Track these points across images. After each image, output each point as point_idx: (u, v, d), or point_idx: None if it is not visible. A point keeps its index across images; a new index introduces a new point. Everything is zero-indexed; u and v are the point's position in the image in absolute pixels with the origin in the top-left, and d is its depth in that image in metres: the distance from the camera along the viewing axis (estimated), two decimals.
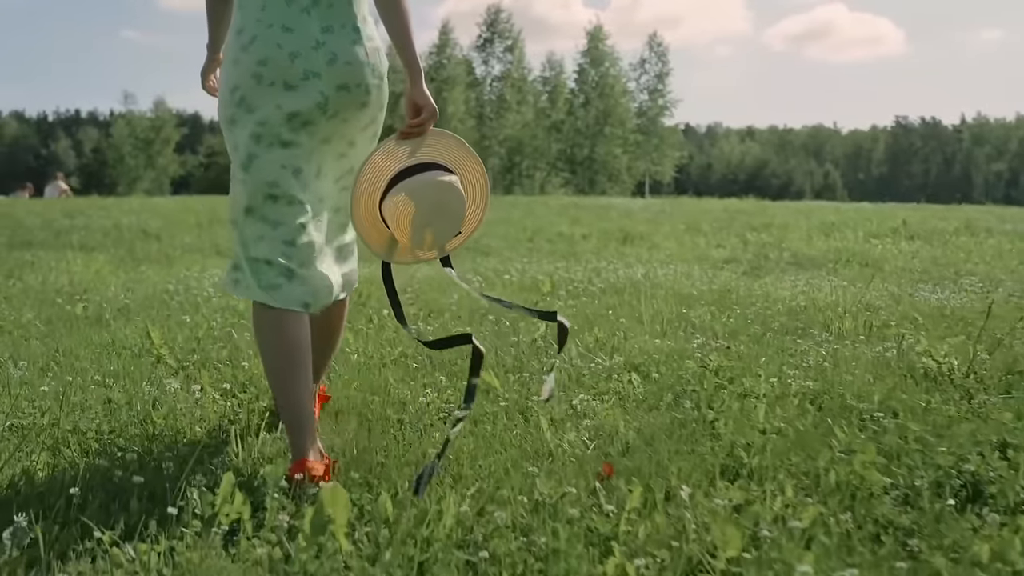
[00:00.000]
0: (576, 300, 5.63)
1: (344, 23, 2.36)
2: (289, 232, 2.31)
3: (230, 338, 4.04)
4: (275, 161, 2.31)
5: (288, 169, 2.32)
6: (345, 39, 2.35)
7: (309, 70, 2.30)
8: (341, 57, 2.33)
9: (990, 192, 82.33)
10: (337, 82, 2.32)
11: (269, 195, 2.31)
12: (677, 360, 3.66)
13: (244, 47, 2.32)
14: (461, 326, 4.47)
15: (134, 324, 4.44)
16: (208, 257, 9.76)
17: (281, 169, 2.31)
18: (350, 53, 2.35)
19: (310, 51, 2.31)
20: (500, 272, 7.21)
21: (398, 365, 3.61)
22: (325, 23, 2.34)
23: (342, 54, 2.34)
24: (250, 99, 2.30)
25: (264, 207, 2.32)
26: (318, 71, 2.31)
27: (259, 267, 2.32)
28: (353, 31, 2.37)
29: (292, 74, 2.29)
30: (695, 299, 5.82)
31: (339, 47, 2.34)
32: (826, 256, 10.77)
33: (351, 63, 2.34)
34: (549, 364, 2.83)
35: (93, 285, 6.10)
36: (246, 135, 2.31)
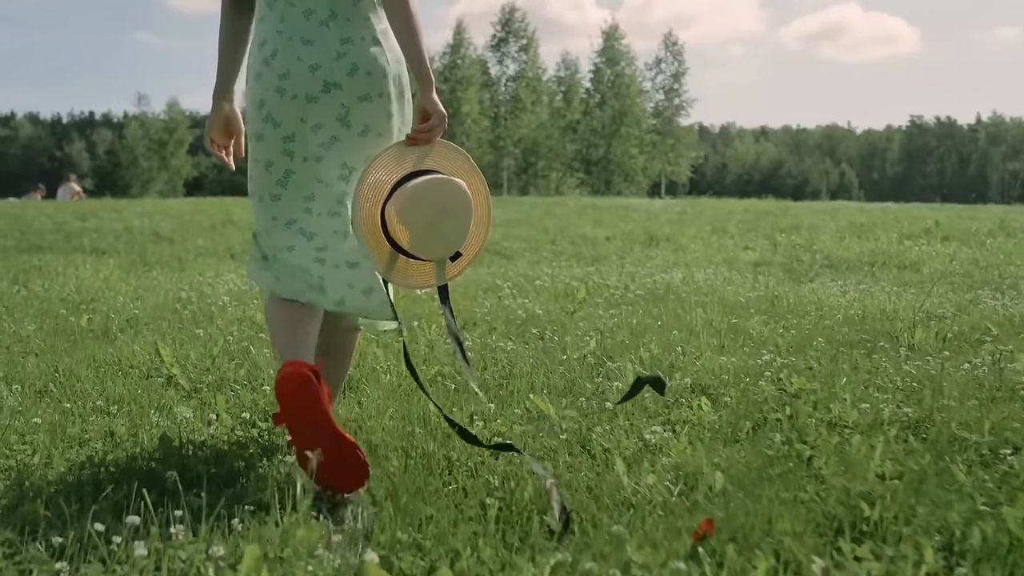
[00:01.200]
0: (616, 309, 5.24)
1: (364, 35, 2.36)
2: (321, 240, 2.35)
3: (247, 354, 3.66)
4: (311, 175, 2.34)
5: (322, 183, 2.34)
6: (364, 49, 2.35)
7: (330, 81, 2.30)
8: (362, 68, 2.33)
9: (1006, 191, 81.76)
10: (358, 93, 2.32)
11: (306, 209, 2.36)
12: (748, 381, 3.27)
13: (267, 61, 2.33)
14: (499, 339, 4.08)
15: (143, 338, 4.07)
16: (222, 261, 9.41)
17: (317, 183, 2.34)
18: (371, 64, 2.34)
19: (331, 62, 2.31)
20: (531, 278, 6.82)
21: (436, 387, 3.23)
22: (344, 35, 2.34)
23: (363, 64, 2.33)
24: (275, 114, 2.32)
25: (304, 222, 2.37)
26: (339, 82, 2.31)
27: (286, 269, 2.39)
28: (373, 44, 2.37)
29: (313, 86, 2.30)
30: (743, 307, 5.43)
31: (360, 58, 2.33)
32: (860, 258, 10.40)
33: (372, 74, 2.34)
34: (546, 480, 2.07)
35: (101, 293, 5.74)
36: (278, 151, 2.34)
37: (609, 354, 3.70)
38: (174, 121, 57.32)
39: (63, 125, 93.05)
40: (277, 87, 2.32)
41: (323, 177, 2.36)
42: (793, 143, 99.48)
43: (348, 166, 2.36)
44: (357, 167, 2.36)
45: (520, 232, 13.33)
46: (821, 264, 10.05)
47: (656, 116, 50.89)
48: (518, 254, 11.10)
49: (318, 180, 2.36)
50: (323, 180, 2.36)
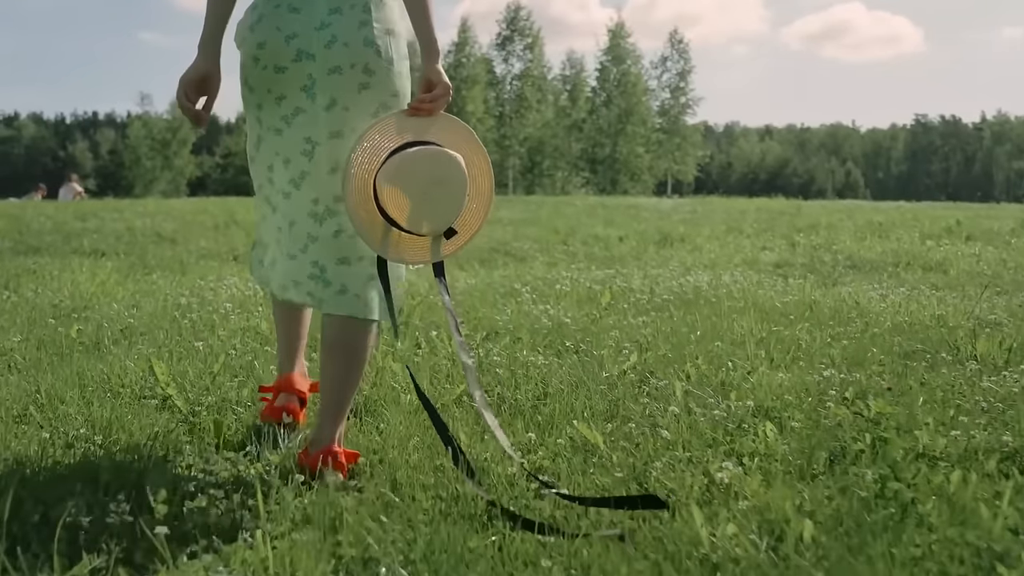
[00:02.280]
0: (646, 315, 4.88)
1: (355, 4, 2.26)
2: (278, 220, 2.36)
3: (251, 370, 3.31)
4: (272, 146, 2.31)
5: (280, 157, 2.30)
6: (351, 20, 2.25)
7: (303, 50, 2.23)
8: (340, 38, 2.23)
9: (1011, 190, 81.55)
10: (329, 64, 2.23)
11: (269, 179, 2.35)
12: (812, 401, 2.92)
13: (251, 27, 2.28)
14: (527, 352, 3.72)
15: (137, 351, 3.72)
16: (225, 264, 9.05)
17: (275, 156, 2.32)
18: (351, 35, 2.24)
19: (311, 32, 2.23)
20: (550, 281, 6.46)
21: (463, 409, 2.88)
22: (334, 4, 2.25)
23: (342, 35, 2.23)
24: (251, 81, 2.30)
25: (268, 190, 2.37)
26: (313, 52, 2.23)
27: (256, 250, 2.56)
28: (363, 11, 2.26)
29: (284, 56, 2.23)
30: (780, 313, 5.07)
31: (342, 29, 2.24)
32: (884, 259, 10.06)
33: (349, 44, 2.23)
34: None
35: (96, 299, 5.40)
36: (252, 117, 2.34)
37: (651, 369, 3.34)
38: (177, 120, 57.02)
39: (66, 125, 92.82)
40: (253, 55, 2.28)
41: (282, 150, 2.30)
42: (797, 142, 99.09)
43: (312, 140, 2.27)
44: (321, 142, 2.26)
45: (530, 232, 13.01)
46: (844, 265, 9.71)
47: (662, 115, 50.54)
48: (530, 255, 10.76)
49: (276, 153, 2.32)
50: (281, 153, 2.30)
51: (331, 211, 2.29)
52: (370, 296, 2.30)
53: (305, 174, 2.28)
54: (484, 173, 2.33)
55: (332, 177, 2.28)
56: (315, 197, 2.29)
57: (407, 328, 4.34)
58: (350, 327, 2.30)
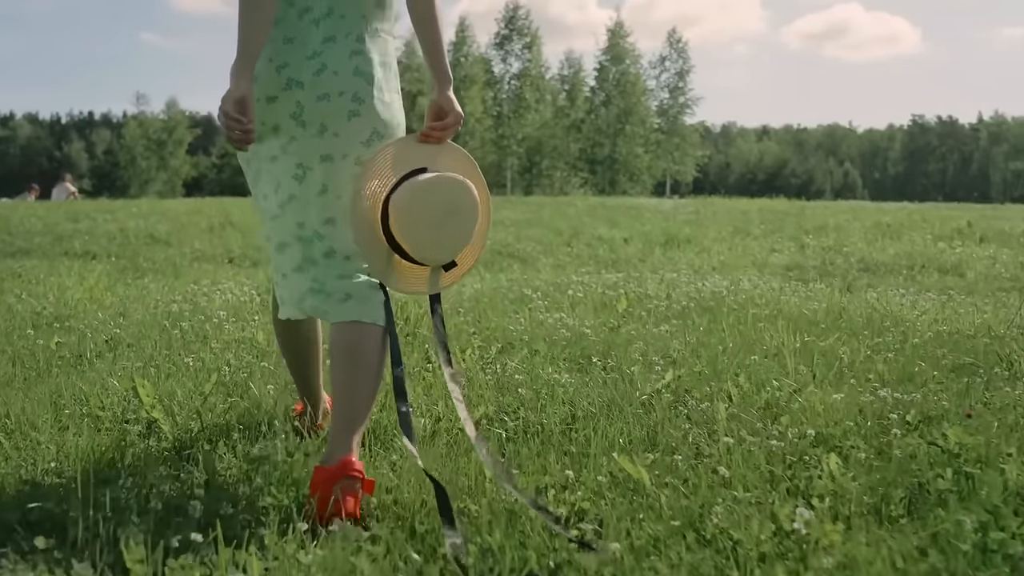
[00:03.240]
0: (668, 324, 4.58)
1: (349, 33, 2.24)
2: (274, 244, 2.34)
3: (246, 390, 2.99)
4: (270, 175, 2.28)
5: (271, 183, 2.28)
6: (343, 50, 2.23)
7: (293, 79, 2.20)
8: (330, 67, 2.21)
9: (1008, 191, 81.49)
10: (318, 92, 2.20)
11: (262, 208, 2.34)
12: (874, 427, 2.61)
13: None
14: (547, 367, 3.42)
15: (122, 366, 3.40)
16: (220, 267, 8.75)
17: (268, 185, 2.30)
18: (342, 63, 2.22)
19: (302, 61, 2.21)
20: (560, 286, 6.15)
21: (486, 435, 2.57)
22: (329, 34, 2.23)
23: (332, 64, 2.21)
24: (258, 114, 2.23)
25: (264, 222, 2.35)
26: (301, 80, 2.20)
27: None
28: (356, 41, 2.25)
29: (275, 86, 2.21)
30: (809, 322, 4.77)
31: (332, 58, 2.22)
32: (897, 261, 9.79)
33: (338, 72, 2.21)
34: None
35: (82, 306, 5.08)
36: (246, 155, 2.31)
37: (687, 388, 3.03)
38: (173, 121, 56.73)
39: (62, 125, 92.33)
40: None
41: (273, 177, 2.28)
42: (795, 142, 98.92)
43: (304, 165, 2.23)
44: (312, 166, 2.23)
45: (533, 233, 12.73)
46: (857, 268, 9.46)
47: (661, 115, 50.26)
48: (533, 257, 10.47)
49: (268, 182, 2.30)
50: (272, 181, 2.29)
51: (319, 234, 2.28)
52: (376, 302, 2.24)
53: (292, 197, 2.26)
54: (484, 207, 2.28)
55: (321, 199, 2.25)
56: (300, 221, 2.27)
57: (414, 340, 4.03)
58: (356, 332, 2.21)
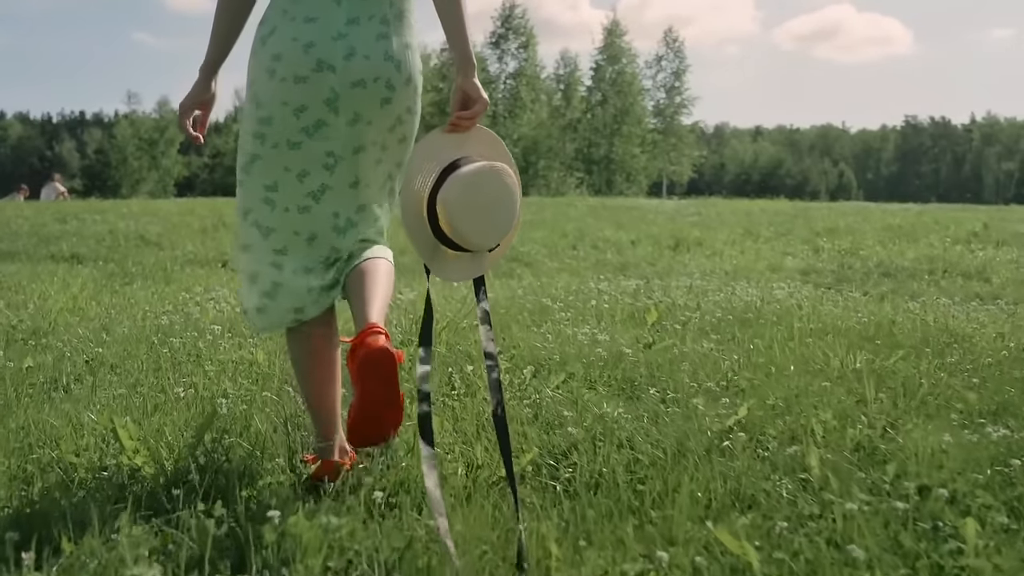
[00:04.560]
0: (707, 340, 4.15)
1: (372, 15, 2.19)
2: (281, 240, 2.21)
3: (247, 427, 2.56)
4: (279, 163, 2.17)
5: (292, 172, 2.17)
6: (370, 32, 2.17)
7: (323, 61, 2.12)
8: (360, 51, 2.15)
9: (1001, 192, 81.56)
10: (352, 78, 2.14)
11: (265, 199, 2.20)
12: (1001, 480, 2.18)
13: (263, 39, 2.18)
14: (590, 394, 2.98)
15: (102, 395, 2.96)
16: (213, 272, 8.30)
17: (284, 172, 2.18)
18: (371, 47, 2.17)
19: (329, 42, 2.14)
20: (582, 296, 5.72)
21: (539, 492, 2.13)
22: (352, 14, 2.17)
23: (361, 48, 2.16)
24: (260, 95, 2.16)
25: (259, 211, 2.21)
26: (333, 64, 2.13)
27: (247, 284, 2.27)
28: (381, 23, 2.19)
29: (303, 66, 2.12)
30: (860, 335, 4.36)
31: (360, 41, 2.16)
32: (917, 265, 9.43)
33: (369, 57, 2.16)
34: None
35: (62, 318, 4.64)
36: (249, 134, 2.19)
37: (762, 427, 2.60)
38: (165, 120, 56.18)
39: (53, 125, 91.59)
40: (267, 68, 2.15)
41: (293, 165, 2.16)
42: (788, 143, 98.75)
43: (335, 155, 2.18)
44: (345, 156, 2.19)
45: (537, 235, 12.33)
46: (878, 273, 9.10)
47: (657, 115, 49.87)
48: (538, 260, 10.06)
49: (285, 168, 2.17)
50: (292, 169, 2.17)
51: (351, 222, 2.26)
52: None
53: (326, 187, 2.20)
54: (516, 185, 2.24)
55: (353, 191, 2.24)
56: (336, 211, 2.23)
57: (434, 359, 3.60)
58: (374, 262, 2.26)
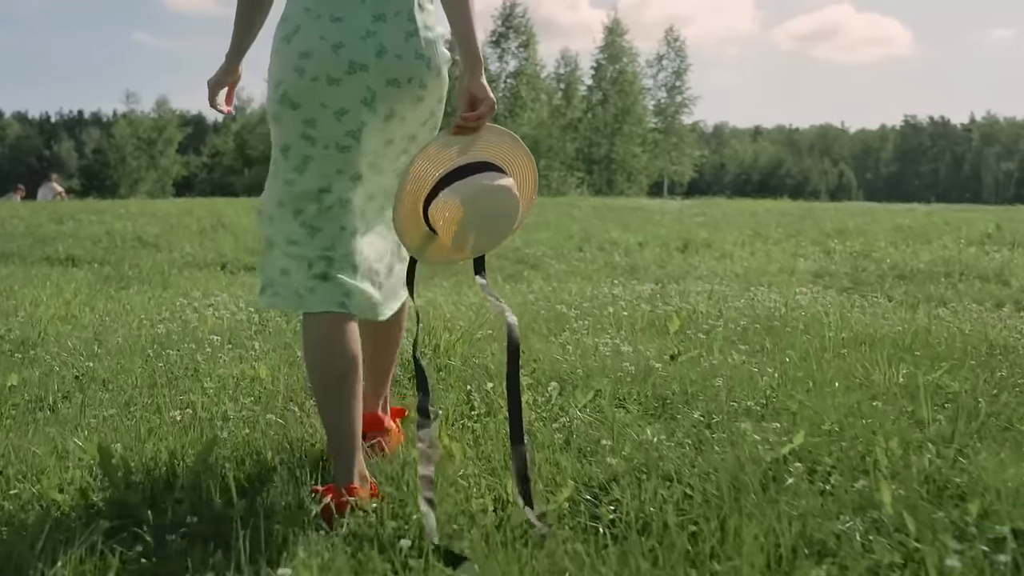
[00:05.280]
0: (736, 351, 3.91)
1: (399, 10, 2.15)
2: (330, 238, 2.16)
3: (255, 457, 2.31)
4: (331, 164, 2.15)
5: (345, 174, 2.16)
6: (398, 29, 2.14)
7: (355, 62, 2.10)
8: (391, 50, 2.13)
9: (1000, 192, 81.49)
10: (386, 76, 2.13)
11: (317, 200, 2.16)
12: None
13: (287, 37, 2.14)
14: (612, 407, 2.74)
15: (92, 416, 2.72)
16: (212, 275, 8.06)
17: (337, 174, 2.16)
18: (401, 46, 2.14)
19: (358, 41, 2.11)
20: (598, 303, 5.48)
21: (585, 537, 1.89)
22: (378, 11, 2.14)
23: (392, 46, 2.13)
24: (293, 95, 2.12)
25: (308, 211, 2.16)
26: (365, 63, 2.11)
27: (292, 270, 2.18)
28: (408, 20, 2.16)
29: (336, 67, 2.10)
30: (895, 345, 4.12)
31: (390, 38, 2.13)
32: (933, 268, 9.19)
33: (401, 56, 2.14)
34: None
35: (53, 327, 4.39)
36: (296, 135, 2.14)
37: (815, 458, 2.35)
38: (163, 119, 55.91)
39: (51, 124, 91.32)
40: (295, 66, 2.11)
41: (348, 168, 2.16)
42: (787, 143, 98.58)
43: (376, 152, 2.20)
44: (380, 152, 2.21)
45: (542, 237, 12.09)
46: (893, 275, 8.88)
47: (658, 114, 49.64)
48: (544, 262, 9.83)
49: (338, 171, 2.16)
50: (345, 171, 2.16)
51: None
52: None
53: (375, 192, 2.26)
54: (529, 172, 2.28)
55: (393, 182, 2.26)
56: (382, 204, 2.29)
57: (448, 375, 3.35)
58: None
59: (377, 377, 2.47)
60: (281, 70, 2.14)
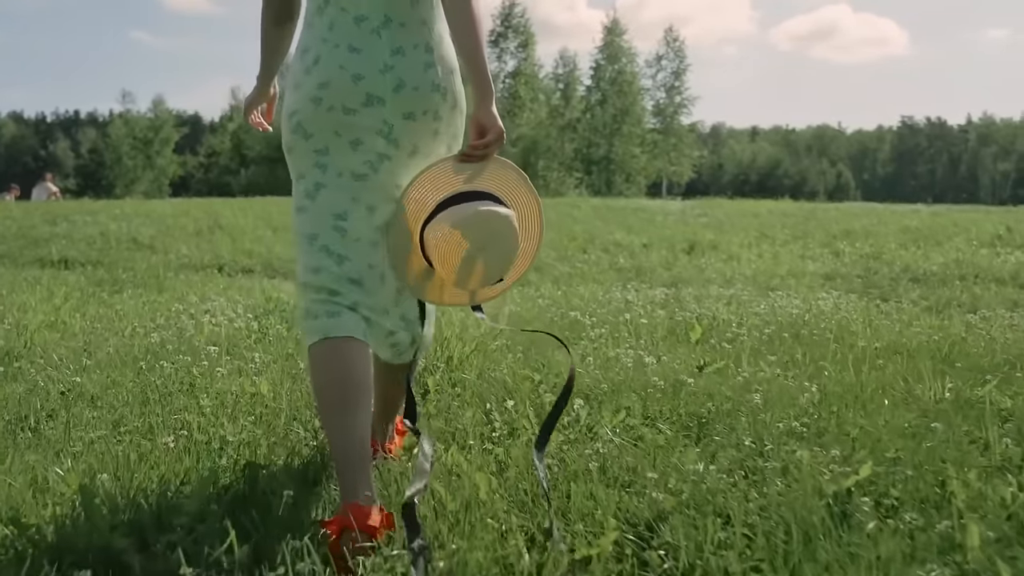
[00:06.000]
0: (764, 361, 3.68)
1: (416, 44, 2.13)
2: (355, 269, 2.11)
3: (257, 489, 2.07)
4: (345, 192, 2.11)
5: (361, 203, 2.12)
6: (416, 63, 2.12)
7: (373, 95, 2.09)
8: (409, 83, 2.10)
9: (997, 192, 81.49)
10: (403, 110, 2.10)
11: (335, 227, 2.11)
12: None
13: (307, 69, 2.12)
14: (646, 429, 2.50)
15: (76, 440, 2.48)
16: (209, 278, 7.81)
17: (353, 202, 2.12)
18: (419, 77, 2.11)
19: (376, 75, 2.09)
20: (612, 309, 5.24)
21: None
22: (395, 45, 2.11)
23: (410, 79, 2.10)
24: (306, 124, 2.11)
25: (329, 239, 2.11)
26: (382, 96, 2.09)
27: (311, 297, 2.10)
28: (426, 52, 2.14)
29: (353, 98, 2.08)
30: (932, 356, 3.90)
31: (408, 72, 2.11)
32: (946, 271, 9.00)
33: (419, 88, 2.11)
34: None
35: (41, 336, 4.15)
36: (309, 164, 2.13)
37: (881, 489, 2.11)
38: (160, 119, 55.57)
39: (47, 124, 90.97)
40: (313, 96, 2.09)
41: (363, 197, 2.12)
42: (784, 143, 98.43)
43: (400, 187, 2.14)
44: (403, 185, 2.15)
45: (545, 238, 11.81)
46: (906, 278, 8.68)
47: (657, 114, 49.41)
48: (548, 264, 9.60)
49: (353, 199, 2.11)
50: (362, 200, 2.11)
51: None
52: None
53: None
54: (535, 217, 2.21)
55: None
56: None
57: (463, 390, 3.11)
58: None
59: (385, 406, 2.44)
60: (299, 102, 2.12)
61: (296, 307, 2.10)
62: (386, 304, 2.14)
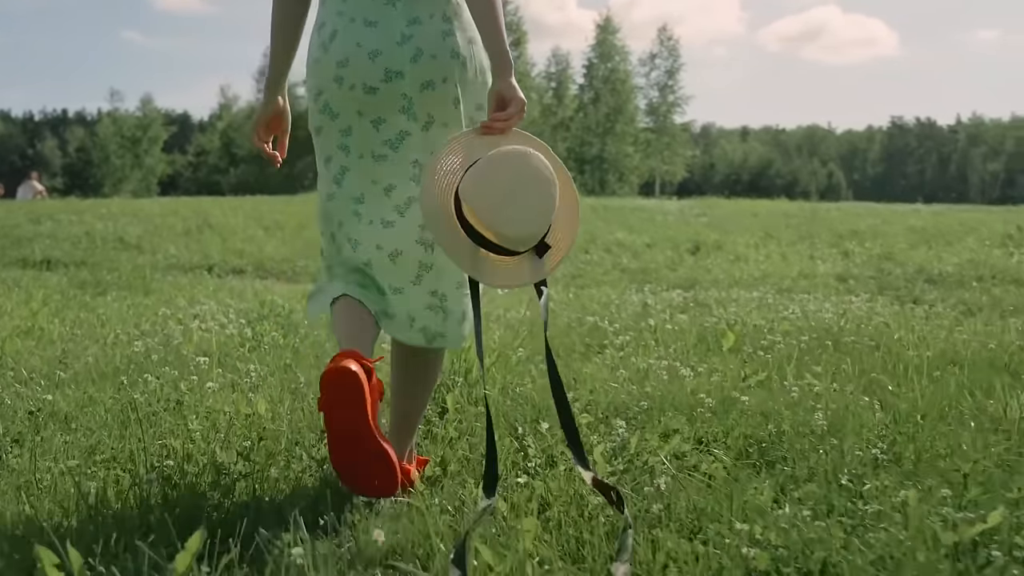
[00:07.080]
0: (817, 376, 3.34)
1: (433, 13, 2.10)
2: (367, 252, 2.10)
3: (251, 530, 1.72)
4: (366, 175, 2.11)
5: (379, 184, 2.11)
6: (434, 31, 2.09)
7: (391, 69, 2.06)
8: (427, 51, 2.07)
9: (986, 192, 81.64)
10: (422, 79, 2.07)
11: (355, 212, 2.12)
12: None
13: (325, 45, 2.11)
14: (702, 458, 2.16)
15: (46, 468, 2.12)
16: (197, 280, 7.45)
17: (372, 184, 2.12)
18: (438, 46, 2.08)
19: (393, 47, 2.07)
20: (632, 313, 4.89)
21: None
22: (412, 15, 2.09)
23: (428, 47, 2.08)
24: (333, 104, 2.10)
25: (350, 227, 2.12)
26: (400, 70, 2.06)
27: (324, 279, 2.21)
28: (444, 21, 2.11)
29: (372, 76, 2.06)
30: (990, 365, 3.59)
31: (426, 41, 2.08)
32: (962, 271, 8.74)
33: (437, 56, 2.08)
34: None
35: (12, 344, 3.78)
36: (335, 146, 2.13)
37: (1006, 537, 1.77)
38: (148, 118, 55.03)
39: (35, 123, 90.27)
40: (335, 75, 2.07)
41: (381, 178, 2.10)
42: (774, 143, 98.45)
43: (419, 163, 2.09)
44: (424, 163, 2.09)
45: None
46: (922, 279, 8.42)
47: (650, 113, 49.14)
48: None
49: (372, 181, 2.11)
50: (379, 181, 2.10)
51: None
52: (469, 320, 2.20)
53: (412, 200, 2.09)
54: (568, 185, 2.06)
55: None
56: (422, 223, 2.07)
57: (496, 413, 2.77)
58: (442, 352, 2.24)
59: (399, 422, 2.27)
60: (322, 80, 2.09)
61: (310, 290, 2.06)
62: (400, 284, 2.09)
